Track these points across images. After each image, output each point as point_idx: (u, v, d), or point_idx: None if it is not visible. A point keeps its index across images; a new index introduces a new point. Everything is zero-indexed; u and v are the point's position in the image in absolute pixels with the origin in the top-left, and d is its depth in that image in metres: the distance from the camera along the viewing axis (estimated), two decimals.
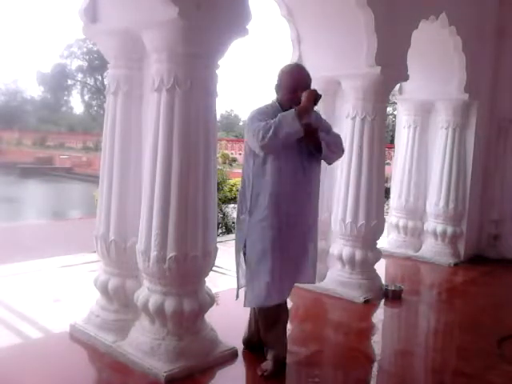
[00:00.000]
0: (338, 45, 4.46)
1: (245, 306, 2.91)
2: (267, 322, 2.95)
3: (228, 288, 4.31)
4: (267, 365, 2.92)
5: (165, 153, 2.82)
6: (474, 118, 6.15)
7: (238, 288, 2.98)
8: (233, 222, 8.15)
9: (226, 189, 8.47)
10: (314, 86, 4.58)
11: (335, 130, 4.68)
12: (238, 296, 2.98)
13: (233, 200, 8.14)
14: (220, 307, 3.62)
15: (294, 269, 2.93)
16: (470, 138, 6.18)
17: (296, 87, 2.87)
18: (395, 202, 6.39)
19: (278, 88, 2.95)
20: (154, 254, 2.86)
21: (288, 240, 2.86)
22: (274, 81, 3.00)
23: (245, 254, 2.93)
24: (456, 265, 5.99)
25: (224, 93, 3.28)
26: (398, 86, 5.87)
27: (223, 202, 8.17)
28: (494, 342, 3.63)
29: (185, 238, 2.85)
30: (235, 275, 3.01)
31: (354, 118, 4.48)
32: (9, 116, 42.25)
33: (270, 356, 2.95)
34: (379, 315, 4.32)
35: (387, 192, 6.49)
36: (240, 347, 3.17)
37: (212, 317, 3.15)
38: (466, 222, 6.24)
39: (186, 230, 2.85)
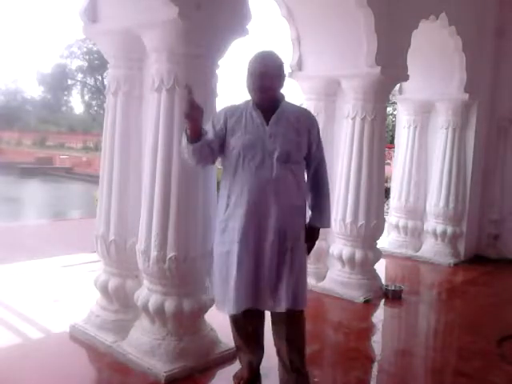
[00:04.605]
0: (338, 45, 4.46)
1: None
2: (234, 327, 2.74)
3: None
4: (242, 372, 2.76)
5: (165, 153, 2.82)
6: (474, 118, 6.15)
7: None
8: None
9: None
10: (314, 85, 4.64)
11: (335, 129, 4.72)
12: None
13: None
14: None
15: (254, 289, 2.51)
16: (470, 138, 6.18)
17: (253, 71, 2.47)
18: (395, 202, 6.39)
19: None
20: (154, 254, 2.86)
21: (245, 251, 2.48)
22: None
23: None
24: (456, 265, 5.99)
25: (224, 93, 3.24)
26: (397, 86, 5.87)
27: None
28: (494, 342, 3.63)
29: (185, 238, 2.86)
30: None
31: (354, 118, 4.48)
32: (9, 116, 42.22)
33: (243, 362, 2.78)
34: (379, 315, 4.32)
35: (387, 192, 6.49)
36: None
37: (212, 317, 3.15)
38: (466, 221, 6.24)
39: (186, 230, 2.85)
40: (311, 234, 2.68)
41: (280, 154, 2.47)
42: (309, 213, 2.70)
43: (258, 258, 2.50)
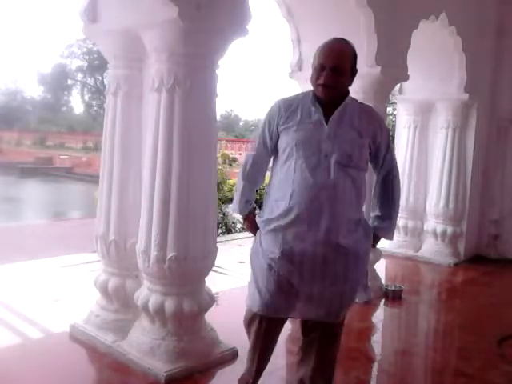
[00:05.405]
0: None
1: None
2: (245, 325, 2.49)
3: (228, 288, 4.32)
4: (247, 377, 2.54)
5: (165, 153, 2.82)
6: (474, 118, 6.15)
7: None
8: (233, 222, 8.16)
9: (226, 189, 8.46)
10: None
11: None
12: None
13: (232, 200, 8.10)
14: (220, 307, 3.61)
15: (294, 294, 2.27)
16: (469, 138, 6.18)
17: (319, 62, 2.25)
18: None
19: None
20: (154, 254, 2.86)
21: (288, 262, 2.21)
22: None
23: None
24: (456, 265, 5.99)
25: (224, 93, 3.22)
26: (397, 86, 5.87)
27: (223, 202, 8.15)
28: (494, 342, 3.63)
29: (185, 238, 2.85)
30: (236, 275, 2.95)
31: None
32: (9, 116, 42.28)
33: (248, 363, 2.55)
34: (379, 315, 4.32)
35: None
36: (240, 347, 3.16)
37: (212, 317, 3.15)
38: (466, 221, 6.24)
39: (186, 230, 2.85)
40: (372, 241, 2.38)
41: (340, 156, 2.16)
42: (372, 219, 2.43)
43: (301, 269, 2.20)
